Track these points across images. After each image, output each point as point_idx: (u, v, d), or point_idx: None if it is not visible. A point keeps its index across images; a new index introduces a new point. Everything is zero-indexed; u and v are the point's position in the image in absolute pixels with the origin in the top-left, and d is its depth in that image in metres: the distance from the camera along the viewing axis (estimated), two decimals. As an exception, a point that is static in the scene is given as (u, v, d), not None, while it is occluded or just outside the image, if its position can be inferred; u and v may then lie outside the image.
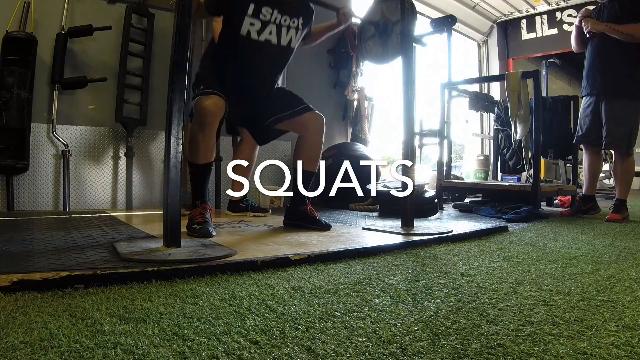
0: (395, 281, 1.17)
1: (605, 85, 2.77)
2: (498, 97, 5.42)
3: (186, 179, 2.10)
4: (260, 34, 1.92)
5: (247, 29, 1.90)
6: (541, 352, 0.71)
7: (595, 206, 3.05)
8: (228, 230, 1.92)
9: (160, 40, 3.04)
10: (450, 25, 3.84)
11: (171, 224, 1.35)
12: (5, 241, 1.47)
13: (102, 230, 1.79)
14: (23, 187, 2.62)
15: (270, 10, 1.91)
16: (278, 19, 1.94)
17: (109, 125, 2.89)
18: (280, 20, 1.95)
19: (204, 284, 1.09)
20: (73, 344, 0.70)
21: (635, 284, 1.17)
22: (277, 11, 1.93)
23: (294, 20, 1.99)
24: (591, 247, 1.76)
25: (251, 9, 1.88)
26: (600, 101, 2.80)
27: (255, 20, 1.90)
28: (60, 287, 1.00)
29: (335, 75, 4.15)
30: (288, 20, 1.97)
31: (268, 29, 1.93)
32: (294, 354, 0.70)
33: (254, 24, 1.90)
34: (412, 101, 2.08)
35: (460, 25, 6.30)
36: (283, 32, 1.97)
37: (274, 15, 1.93)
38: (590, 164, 3.00)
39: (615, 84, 2.73)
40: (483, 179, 5.72)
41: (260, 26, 1.91)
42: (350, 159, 3.46)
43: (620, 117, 2.71)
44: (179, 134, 1.35)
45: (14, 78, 2.47)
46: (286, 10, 1.96)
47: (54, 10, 2.69)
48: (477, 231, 2.08)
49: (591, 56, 2.84)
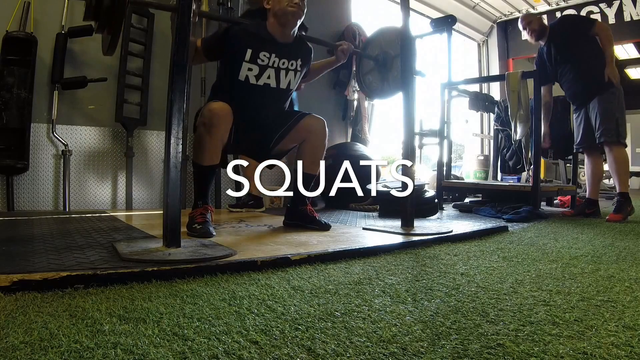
0: (395, 281, 1.17)
1: (580, 93, 2.96)
2: (498, 97, 5.43)
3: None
4: (258, 78, 1.93)
5: (245, 74, 1.91)
6: (541, 352, 0.71)
7: (598, 211, 3.08)
8: (228, 230, 1.92)
9: (160, 40, 3.04)
10: (450, 25, 3.84)
11: (171, 224, 1.35)
12: (5, 241, 1.47)
13: (102, 230, 1.79)
14: (23, 187, 2.62)
15: (268, 55, 1.92)
16: (276, 63, 1.95)
17: (109, 125, 2.89)
18: (278, 63, 1.95)
19: (204, 284, 1.09)
20: (73, 344, 0.70)
21: (635, 284, 1.17)
22: (275, 55, 1.94)
23: (292, 62, 2.00)
24: (591, 247, 1.76)
25: (249, 54, 1.89)
26: (585, 109, 2.96)
27: (253, 66, 1.91)
28: (60, 287, 1.00)
29: (335, 75, 4.15)
30: (286, 63, 1.98)
31: (266, 74, 1.94)
32: (294, 354, 0.70)
33: (252, 69, 1.91)
34: (412, 101, 2.08)
35: (460, 25, 6.30)
36: (282, 75, 1.98)
37: (272, 59, 1.93)
38: (593, 168, 3.05)
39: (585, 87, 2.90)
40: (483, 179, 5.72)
41: (259, 71, 1.92)
42: (350, 159, 3.48)
43: (603, 112, 2.81)
44: (179, 134, 1.35)
45: (14, 78, 2.47)
46: (284, 54, 1.96)
47: (54, 10, 2.69)
48: (477, 231, 2.08)
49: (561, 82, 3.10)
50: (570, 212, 3.19)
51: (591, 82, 2.86)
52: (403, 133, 2.08)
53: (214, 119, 1.79)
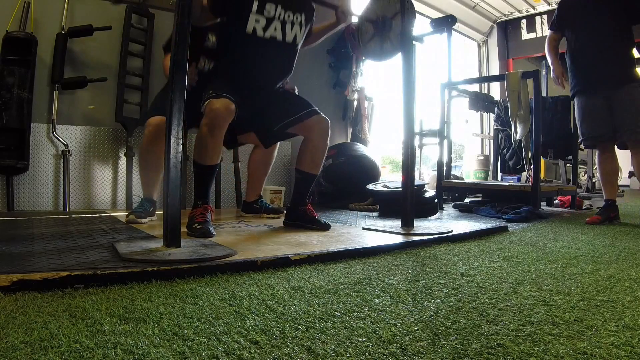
0: (395, 281, 1.17)
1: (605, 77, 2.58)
2: (498, 97, 5.43)
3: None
4: (265, 30, 1.92)
5: (253, 26, 1.90)
6: (541, 352, 0.71)
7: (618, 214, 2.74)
8: (228, 230, 1.92)
9: (160, 40, 3.03)
10: (450, 25, 3.84)
11: (171, 224, 1.34)
12: (5, 241, 1.47)
13: (102, 230, 1.79)
14: (23, 187, 2.62)
15: (274, 6, 1.92)
16: (282, 15, 1.95)
17: (109, 125, 2.89)
18: (284, 16, 1.95)
19: (204, 284, 1.09)
20: (73, 344, 0.70)
21: (635, 284, 1.17)
22: (281, 7, 1.94)
23: (297, 16, 2.00)
24: (591, 247, 1.76)
25: (255, 5, 1.89)
26: (603, 95, 2.59)
27: (260, 17, 1.90)
28: (60, 287, 1.00)
29: (335, 75, 4.15)
30: (292, 15, 1.98)
31: (273, 25, 1.94)
32: (294, 354, 0.70)
33: (259, 21, 1.91)
34: (412, 101, 2.08)
35: (460, 25, 6.30)
36: (288, 27, 1.98)
37: (278, 11, 1.93)
38: (612, 164, 2.72)
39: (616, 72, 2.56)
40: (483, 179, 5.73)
41: (266, 23, 1.92)
42: (351, 159, 3.49)
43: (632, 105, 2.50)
44: (179, 134, 1.35)
45: (14, 78, 2.47)
46: (289, 6, 1.96)
47: (54, 10, 2.69)
48: (477, 231, 2.08)
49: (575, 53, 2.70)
50: (598, 218, 2.63)
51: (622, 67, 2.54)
52: (403, 130, 2.08)
53: (217, 120, 1.78)
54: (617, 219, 2.69)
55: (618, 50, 2.57)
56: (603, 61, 2.58)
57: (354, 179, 3.36)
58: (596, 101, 2.63)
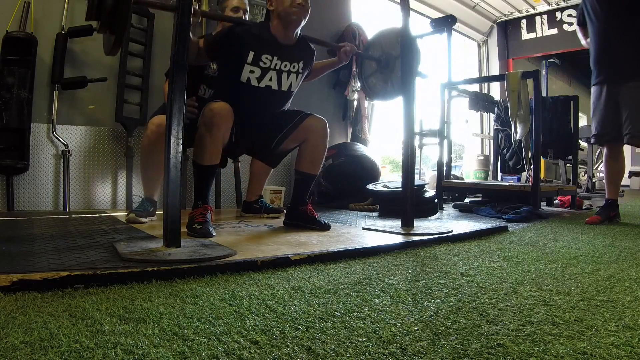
0: (395, 281, 1.17)
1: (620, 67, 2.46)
2: (498, 97, 5.43)
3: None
4: (260, 80, 1.94)
5: (247, 76, 1.92)
6: (541, 352, 0.71)
7: (619, 212, 2.71)
8: (228, 230, 1.92)
9: (160, 40, 3.04)
10: (450, 25, 3.84)
11: (171, 224, 1.34)
12: (5, 241, 1.47)
13: (102, 230, 1.79)
14: (23, 187, 2.62)
15: (270, 57, 1.93)
16: (278, 65, 1.96)
17: (109, 125, 2.89)
18: (280, 66, 1.96)
19: (204, 284, 1.09)
20: (73, 344, 0.70)
21: (635, 284, 1.17)
22: (277, 58, 1.95)
23: (294, 65, 2.01)
24: (591, 247, 1.76)
25: (251, 56, 1.90)
26: (616, 88, 2.49)
27: (255, 68, 1.92)
28: (60, 287, 1.00)
29: (335, 75, 4.15)
30: (288, 65, 1.99)
31: (268, 76, 1.95)
32: (294, 354, 0.70)
33: (253, 72, 1.92)
34: (412, 101, 2.08)
35: (460, 25, 6.31)
36: (283, 77, 1.99)
37: (274, 62, 1.94)
38: (616, 165, 2.65)
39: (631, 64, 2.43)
40: (483, 179, 5.73)
41: (260, 73, 1.93)
42: (350, 159, 3.49)
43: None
44: (179, 134, 1.35)
45: (14, 78, 2.47)
46: (286, 57, 1.97)
47: (54, 10, 2.69)
48: (477, 231, 2.08)
49: (598, 39, 2.56)
50: (597, 218, 2.61)
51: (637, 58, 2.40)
52: (403, 133, 2.08)
53: (215, 119, 1.79)
54: (617, 218, 2.69)
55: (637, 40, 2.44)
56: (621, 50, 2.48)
57: (354, 179, 3.36)
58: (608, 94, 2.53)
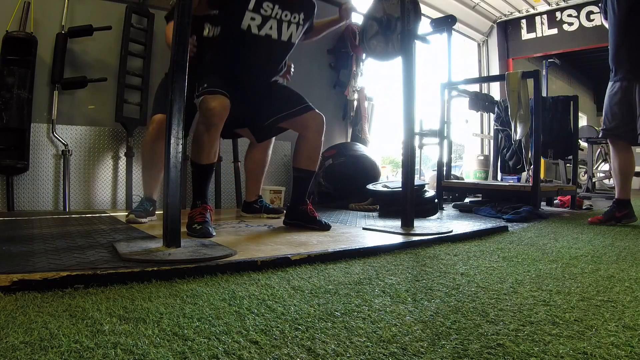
0: (395, 281, 1.17)
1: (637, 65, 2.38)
2: (498, 97, 5.43)
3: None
4: (260, 28, 1.92)
5: (248, 23, 1.90)
6: (541, 352, 0.71)
7: (631, 213, 2.53)
8: (228, 230, 1.92)
9: (160, 40, 3.04)
10: (450, 25, 3.84)
11: (171, 223, 1.34)
12: (5, 241, 1.47)
13: (102, 230, 1.79)
14: (23, 187, 2.62)
15: (272, 5, 1.92)
16: (279, 14, 1.94)
17: (109, 125, 2.89)
18: (281, 15, 1.95)
19: (204, 284, 1.09)
20: (73, 344, 0.70)
21: (635, 284, 1.17)
22: (278, 6, 1.93)
23: (295, 15, 1.99)
24: (591, 247, 1.76)
25: (252, 3, 1.88)
26: (634, 86, 2.40)
27: (256, 15, 1.90)
28: (60, 287, 1.00)
29: (335, 75, 4.15)
30: (289, 15, 1.97)
31: (269, 24, 1.93)
32: (294, 354, 0.70)
33: (254, 19, 1.90)
34: (412, 101, 2.08)
35: (460, 25, 6.30)
36: (284, 27, 1.97)
37: (275, 10, 1.93)
38: (622, 162, 2.55)
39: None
40: (483, 179, 5.73)
41: (261, 21, 1.91)
42: (350, 159, 3.49)
43: None
44: (179, 134, 1.35)
45: (14, 78, 2.47)
46: (287, 6, 1.96)
47: (54, 10, 2.69)
48: (477, 231, 2.08)
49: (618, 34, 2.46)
50: (599, 218, 2.57)
51: None
52: (403, 130, 2.08)
53: (214, 119, 1.79)
54: (626, 219, 2.52)
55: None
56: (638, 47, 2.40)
57: (354, 179, 3.36)
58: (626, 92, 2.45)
